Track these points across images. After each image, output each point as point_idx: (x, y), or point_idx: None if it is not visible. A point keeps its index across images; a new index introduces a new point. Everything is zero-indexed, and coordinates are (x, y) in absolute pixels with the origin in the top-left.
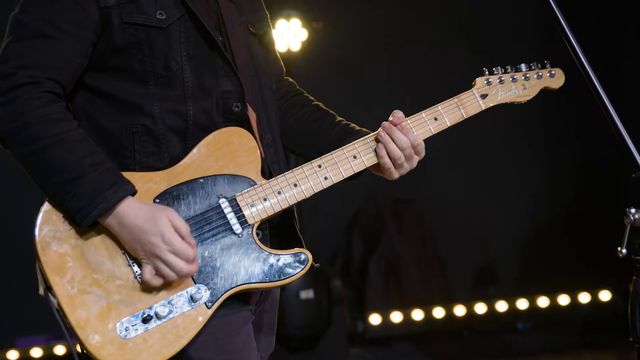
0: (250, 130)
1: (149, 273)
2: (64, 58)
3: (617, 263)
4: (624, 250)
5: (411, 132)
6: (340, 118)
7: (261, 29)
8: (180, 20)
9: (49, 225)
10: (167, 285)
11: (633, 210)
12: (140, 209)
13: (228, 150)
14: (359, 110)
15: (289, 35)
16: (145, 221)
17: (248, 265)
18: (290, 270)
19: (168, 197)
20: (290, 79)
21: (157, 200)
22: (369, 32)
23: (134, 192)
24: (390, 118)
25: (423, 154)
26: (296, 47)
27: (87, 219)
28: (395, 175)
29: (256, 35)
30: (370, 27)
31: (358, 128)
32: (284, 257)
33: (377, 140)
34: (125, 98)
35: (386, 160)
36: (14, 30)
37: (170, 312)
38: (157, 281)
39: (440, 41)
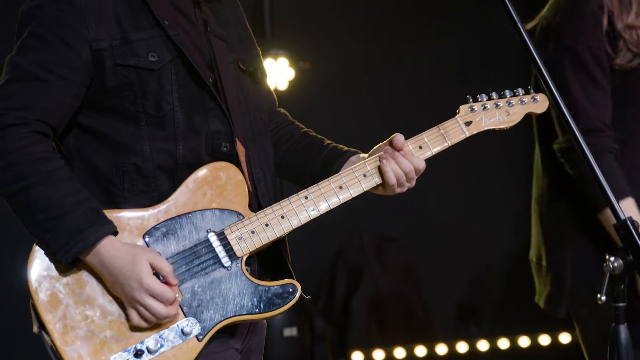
0: (239, 166)
1: (135, 317)
2: (55, 100)
3: None
4: (604, 298)
5: (415, 157)
6: (329, 141)
7: (252, 65)
8: (171, 62)
9: (41, 263)
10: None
11: (612, 259)
12: (121, 250)
13: (216, 184)
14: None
15: (276, 74)
16: (125, 264)
17: (238, 297)
18: (280, 301)
19: (157, 233)
20: (283, 110)
21: (147, 237)
22: (356, 70)
23: (114, 232)
24: (393, 142)
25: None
26: (283, 86)
27: (66, 257)
28: (398, 191)
29: (247, 72)
30: (357, 64)
31: (346, 149)
32: (273, 289)
33: (379, 167)
34: (117, 137)
35: (392, 180)
36: (9, 71)
37: (161, 346)
38: (144, 323)
39: (424, 73)
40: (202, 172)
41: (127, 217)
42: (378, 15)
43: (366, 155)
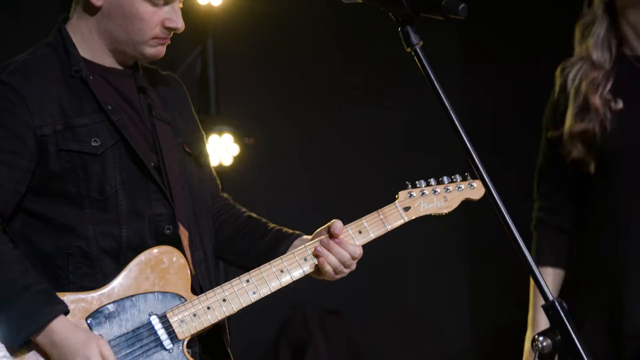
0: (181, 248)
1: None
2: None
3: None
4: None
5: (350, 245)
6: (274, 225)
7: (197, 149)
8: (114, 147)
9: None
10: None
11: (541, 338)
12: (72, 331)
13: (159, 268)
14: (290, 223)
15: (221, 150)
16: (77, 344)
17: None
18: None
19: (100, 316)
20: (226, 195)
21: (89, 319)
22: (300, 148)
23: (66, 312)
24: (331, 229)
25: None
26: (228, 161)
27: (16, 339)
28: (337, 278)
29: (192, 155)
30: (303, 142)
31: (290, 232)
32: None
33: (316, 255)
34: (61, 220)
35: (328, 268)
36: None
37: None
38: None
39: (367, 155)
40: (145, 255)
41: (71, 300)
42: (324, 91)
43: (309, 237)
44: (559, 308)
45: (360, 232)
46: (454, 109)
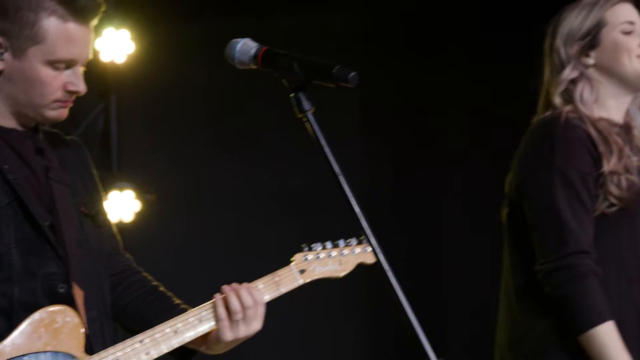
0: (76, 307)
1: None
2: None
3: None
4: None
5: (257, 292)
6: (179, 301)
7: (94, 208)
8: (9, 205)
9: None
10: None
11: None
12: None
13: (52, 327)
14: (189, 282)
15: (122, 206)
16: None
17: None
18: None
19: None
20: (128, 255)
21: None
22: (201, 205)
23: None
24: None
25: (260, 320)
26: (129, 218)
27: None
28: (228, 334)
29: (89, 215)
30: (204, 199)
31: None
32: None
33: (214, 306)
34: None
35: (222, 311)
36: None
37: None
38: None
39: (267, 215)
40: (39, 314)
41: None
42: (225, 149)
43: None
44: None
45: None
46: (344, 176)
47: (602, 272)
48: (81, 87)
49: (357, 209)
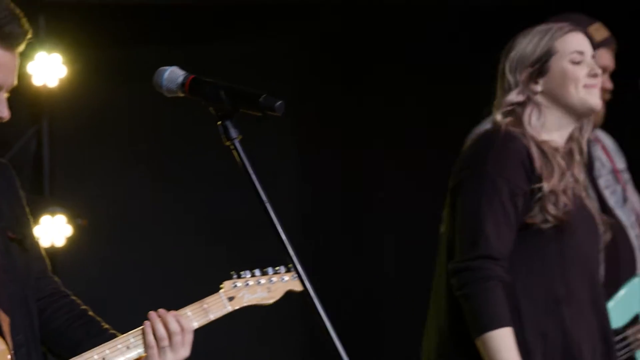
0: (1, 334)
1: None
2: None
3: None
4: None
5: (185, 318)
6: (108, 326)
7: (21, 233)
8: None
9: None
10: None
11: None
12: None
13: None
14: (120, 307)
15: (53, 231)
16: None
17: None
18: None
19: None
20: (56, 278)
21: None
22: (132, 230)
23: None
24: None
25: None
26: (61, 242)
27: None
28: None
29: (16, 240)
30: (135, 225)
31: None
32: None
33: (142, 333)
34: None
35: (150, 338)
36: None
37: None
38: None
39: (197, 241)
40: None
41: None
42: (156, 174)
43: None
44: None
45: None
46: (275, 202)
47: (510, 280)
48: (5, 113)
49: (284, 236)
